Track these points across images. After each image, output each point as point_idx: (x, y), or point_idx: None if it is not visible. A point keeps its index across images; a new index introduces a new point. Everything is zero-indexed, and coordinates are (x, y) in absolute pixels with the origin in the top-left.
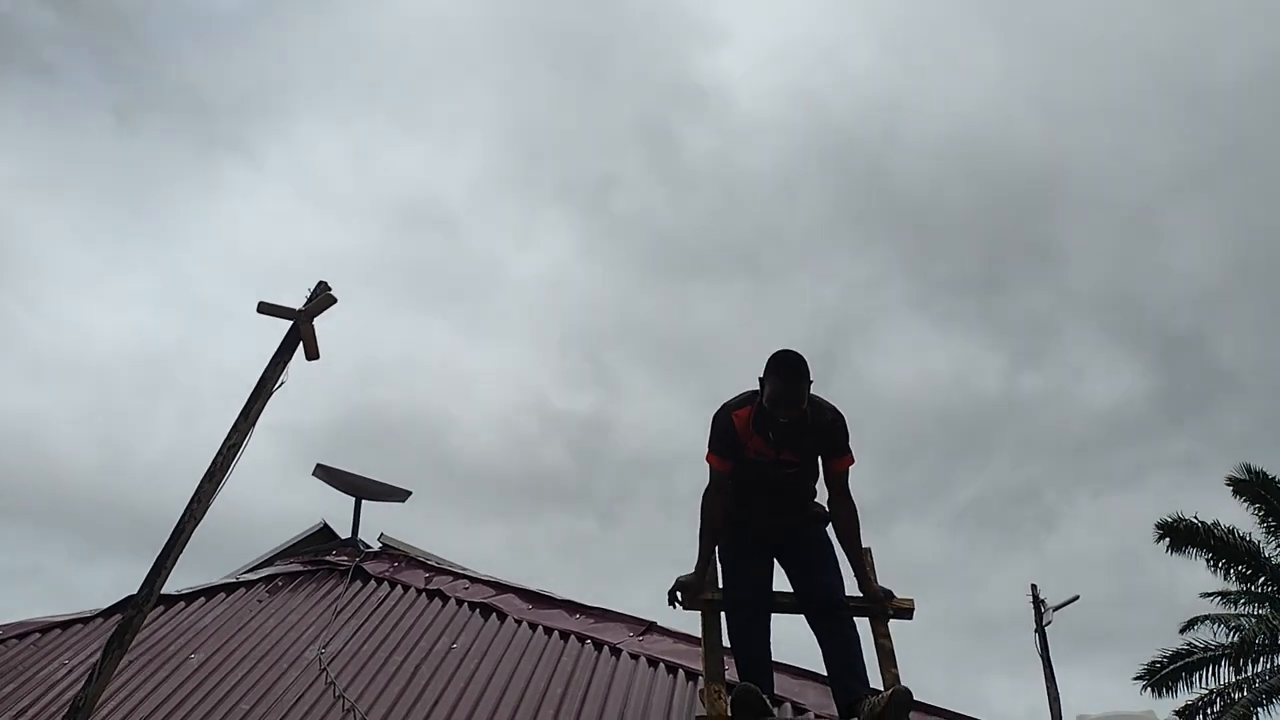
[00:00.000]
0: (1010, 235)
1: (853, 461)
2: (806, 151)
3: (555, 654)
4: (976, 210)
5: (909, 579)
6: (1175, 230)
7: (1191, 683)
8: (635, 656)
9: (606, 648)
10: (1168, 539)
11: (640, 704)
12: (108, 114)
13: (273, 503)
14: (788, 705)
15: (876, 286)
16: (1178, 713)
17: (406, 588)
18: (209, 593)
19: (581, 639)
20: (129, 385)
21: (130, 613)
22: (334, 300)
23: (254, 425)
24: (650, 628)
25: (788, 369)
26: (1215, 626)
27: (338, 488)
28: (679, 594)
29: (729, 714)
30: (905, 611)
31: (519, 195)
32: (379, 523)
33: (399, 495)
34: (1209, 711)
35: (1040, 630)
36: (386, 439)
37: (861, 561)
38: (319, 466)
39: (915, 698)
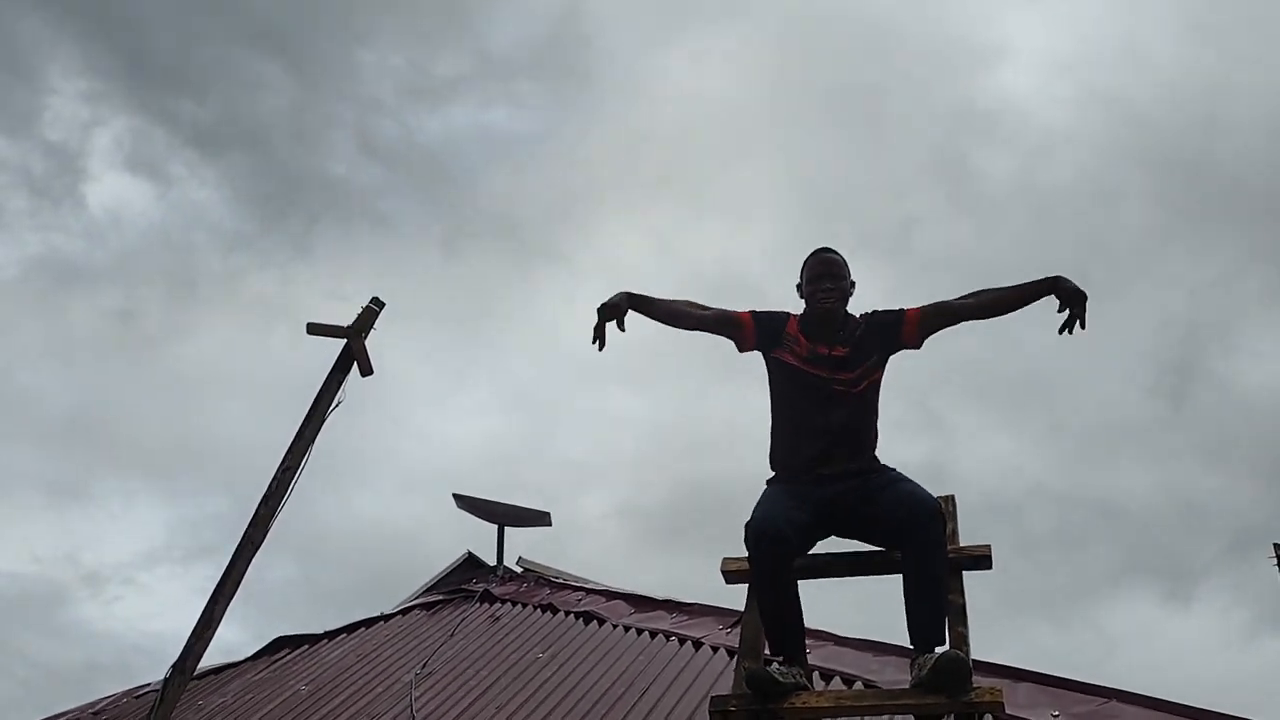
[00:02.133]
0: None
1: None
2: (1119, 155)
3: (635, 653)
4: None
5: None
6: None
7: None
8: (715, 648)
9: (690, 642)
10: None
11: (691, 690)
12: (436, 247)
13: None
14: (859, 684)
15: (1229, 283)
16: None
17: (525, 605)
18: (350, 629)
19: (668, 636)
20: (487, 487)
21: (190, 640)
22: (378, 312)
23: (310, 447)
24: (740, 619)
25: (816, 250)
26: None
27: (480, 516)
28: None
29: (747, 691)
30: (983, 560)
31: None
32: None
33: (542, 520)
34: None
35: None
36: (727, 509)
37: None
38: (459, 497)
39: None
